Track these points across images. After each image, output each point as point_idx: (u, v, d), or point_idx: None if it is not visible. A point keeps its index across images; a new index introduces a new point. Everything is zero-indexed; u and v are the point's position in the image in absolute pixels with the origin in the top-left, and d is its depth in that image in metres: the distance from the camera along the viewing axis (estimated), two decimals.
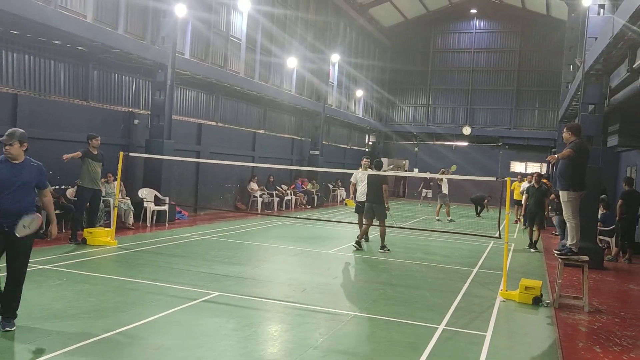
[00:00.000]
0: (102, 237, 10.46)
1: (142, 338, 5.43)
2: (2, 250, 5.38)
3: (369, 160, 13.56)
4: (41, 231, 10.63)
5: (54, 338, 5.22)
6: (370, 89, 33.42)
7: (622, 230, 12.54)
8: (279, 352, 5.31)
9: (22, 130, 5.46)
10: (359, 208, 12.70)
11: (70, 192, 12.31)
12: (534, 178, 14.52)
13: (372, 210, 11.85)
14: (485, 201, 23.84)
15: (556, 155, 7.76)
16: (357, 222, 13.00)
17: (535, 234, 13.85)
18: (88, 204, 10.84)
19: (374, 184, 11.82)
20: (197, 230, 13.41)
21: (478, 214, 23.27)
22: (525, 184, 17.41)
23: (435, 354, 5.45)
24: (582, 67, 12.94)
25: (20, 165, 5.39)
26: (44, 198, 5.68)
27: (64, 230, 11.58)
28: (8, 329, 5.31)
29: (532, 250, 13.38)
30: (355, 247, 11.83)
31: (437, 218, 19.78)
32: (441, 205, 19.91)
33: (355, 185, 12.95)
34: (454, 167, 24.06)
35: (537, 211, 13.86)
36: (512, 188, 20.51)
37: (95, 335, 5.34)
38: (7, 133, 5.36)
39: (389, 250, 11.73)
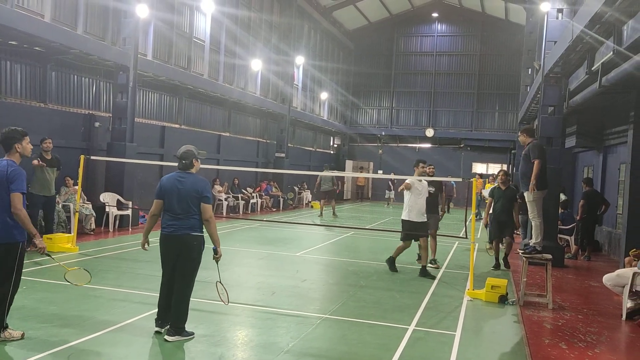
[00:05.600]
0: (62, 243, 10.13)
1: (109, 346, 5.27)
2: None
3: (431, 166, 10.43)
4: None
5: (14, 348, 5.01)
6: (334, 91, 33.53)
7: (583, 229, 12.89)
8: (250, 357, 5.23)
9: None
10: (414, 230, 9.45)
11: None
12: (499, 177, 11.11)
13: (428, 221, 10.00)
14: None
15: (533, 184, 7.84)
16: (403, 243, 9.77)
17: (504, 246, 10.98)
18: (41, 211, 10.36)
19: (434, 193, 10.27)
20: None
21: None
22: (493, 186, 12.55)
23: (407, 354, 5.48)
24: (541, 70, 13.28)
25: None
26: None
27: None
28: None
29: (502, 269, 10.71)
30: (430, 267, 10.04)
31: None
32: None
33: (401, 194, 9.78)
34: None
35: (505, 220, 10.62)
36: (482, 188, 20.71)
37: (59, 344, 5.16)
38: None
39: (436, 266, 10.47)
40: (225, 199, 19.19)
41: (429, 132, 33.88)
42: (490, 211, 10.94)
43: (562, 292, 8.94)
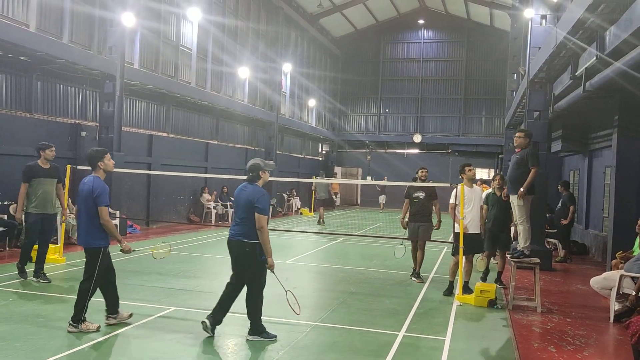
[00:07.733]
0: (48, 254, 9.96)
1: (97, 358, 5.21)
2: None
3: (424, 169, 10.42)
4: None
5: None
6: (322, 98, 33.61)
7: (565, 233, 13.06)
8: None
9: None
10: (468, 243, 8.40)
11: (13, 208, 11.77)
12: (495, 182, 9.69)
13: (418, 230, 9.70)
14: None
15: (522, 190, 7.93)
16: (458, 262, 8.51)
17: (498, 262, 9.74)
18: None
19: (424, 199, 9.77)
20: (150, 244, 13.05)
21: None
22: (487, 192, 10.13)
23: None
24: (526, 76, 13.42)
25: None
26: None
27: (7, 248, 11.06)
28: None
29: (497, 285, 9.13)
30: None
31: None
32: None
33: (454, 208, 8.54)
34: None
35: (501, 229, 9.31)
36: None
37: (47, 357, 5.10)
38: None
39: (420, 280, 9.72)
40: (214, 207, 19.13)
41: (417, 138, 34.06)
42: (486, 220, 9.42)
43: (550, 296, 8.99)
